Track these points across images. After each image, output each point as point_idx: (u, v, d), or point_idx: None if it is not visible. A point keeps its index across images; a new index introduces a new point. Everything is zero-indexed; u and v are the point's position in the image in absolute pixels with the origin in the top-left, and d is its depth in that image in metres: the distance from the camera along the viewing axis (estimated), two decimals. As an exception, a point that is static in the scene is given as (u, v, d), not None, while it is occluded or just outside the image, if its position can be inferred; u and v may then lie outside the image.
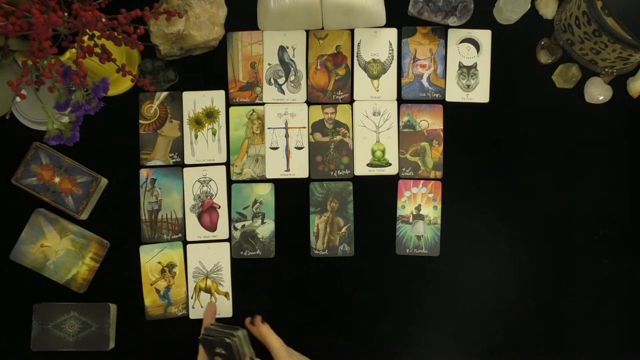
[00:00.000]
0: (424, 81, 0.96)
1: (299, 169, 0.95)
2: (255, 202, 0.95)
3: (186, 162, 0.95)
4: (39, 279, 0.92)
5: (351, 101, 0.96)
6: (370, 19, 0.94)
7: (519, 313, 0.95)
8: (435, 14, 0.93)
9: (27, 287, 0.93)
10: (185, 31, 0.88)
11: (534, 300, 0.95)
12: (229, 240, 0.95)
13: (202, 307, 0.94)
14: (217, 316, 0.94)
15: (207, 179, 0.95)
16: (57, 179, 0.92)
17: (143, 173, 0.95)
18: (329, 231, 0.95)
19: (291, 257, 0.95)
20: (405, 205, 0.95)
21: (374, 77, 0.96)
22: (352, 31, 0.96)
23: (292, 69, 0.96)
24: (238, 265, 0.95)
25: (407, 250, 0.95)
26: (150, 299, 0.93)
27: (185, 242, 0.94)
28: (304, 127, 0.96)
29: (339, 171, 0.96)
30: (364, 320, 0.94)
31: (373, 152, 0.96)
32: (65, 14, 0.76)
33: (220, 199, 0.95)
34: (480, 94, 0.96)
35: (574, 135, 0.96)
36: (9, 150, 0.92)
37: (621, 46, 0.85)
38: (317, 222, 0.95)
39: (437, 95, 0.96)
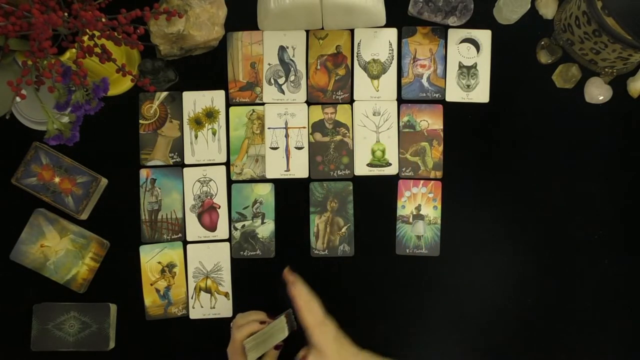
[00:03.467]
0: (424, 81, 0.96)
1: (299, 169, 0.95)
2: (255, 202, 0.95)
3: (186, 162, 0.95)
4: (39, 279, 0.92)
5: (351, 101, 0.96)
6: (370, 19, 0.94)
7: (519, 313, 0.95)
8: (435, 14, 0.93)
9: (27, 287, 0.93)
10: (185, 31, 0.88)
11: (533, 300, 0.95)
12: (229, 240, 0.95)
13: (202, 307, 0.94)
14: (217, 316, 0.94)
15: (207, 179, 0.95)
16: (57, 179, 0.92)
17: (143, 173, 0.95)
18: (329, 231, 0.95)
19: (291, 257, 0.95)
20: (405, 205, 0.95)
21: (374, 77, 0.96)
22: (352, 31, 0.96)
23: (292, 69, 0.96)
24: (238, 265, 0.95)
25: (407, 250, 0.95)
26: (150, 299, 0.93)
27: (185, 242, 0.94)
28: (304, 127, 0.96)
29: (339, 171, 0.96)
30: (364, 320, 0.94)
31: (373, 152, 0.96)
32: (65, 14, 0.76)
33: (220, 199, 0.95)
34: (480, 94, 0.96)
35: (574, 135, 0.96)
36: (9, 150, 0.92)
37: (621, 46, 0.85)
38: (317, 222, 0.95)
39: (437, 95, 0.96)
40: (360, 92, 0.96)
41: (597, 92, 0.95)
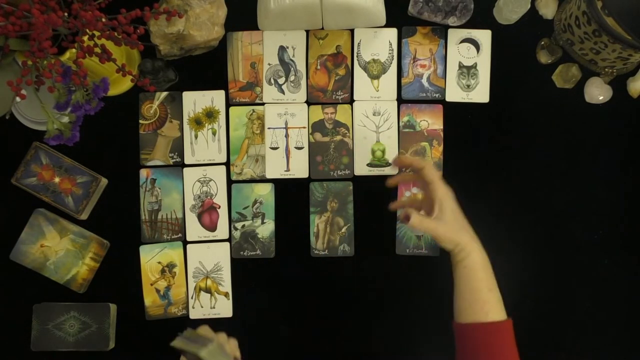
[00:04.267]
0: (424, 81, 0.96)
1: (299, 169, 0.95)
2: (255, 202, 0.95)
3: (186, 162, 0.95)
4: (39, 279, 0.92)
5: (351, 101, 0.96)
6: (370, 19, 0.94)
7: (518, 313, 0.94)
8: (435, 14, 0.93)
9: (27, 287, 0.93)
10: (185, 31, 0.88)
11: (533, 300, 0.94)
12: (229, 240, 0.95)
13: (202, 307, 0.94)
14: (217, 316, 0.94)
15: (207, 179, 0.95)
16: (57, 179, 0.92)
17: (143, 173, 0.95)
18: (329, 231, 0.95)
19: (291, 257, 0.95)
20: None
21: (374, 77, 0.96)
22: (352, 31, 0.96)
23: (292, 69, 0.96)
24: (238, 265, 0.95)
25: (407, 250, 0.95)
26: (150, 299, 0.93)
27: (185, 242, 0.94)
28: (304, 127, 0.96)
29: (339, 171, 0.96)
30: (364, 320, 0.94)
31: (373, 152, 0.96)
32: (65, 14, 0.76)
33: (220, 199, 0.95)
34: (480, 94, 0.96)
35: (574, 135, 0.96)
36: (9, 150, 0.92)
37: (621, 46, 0.85)
38: (317, 222, 0.95)
39: (437, 95, 0.96)
40: (360, 92, 0.96)
41: (597, 92, 0.95)
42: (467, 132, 0.96)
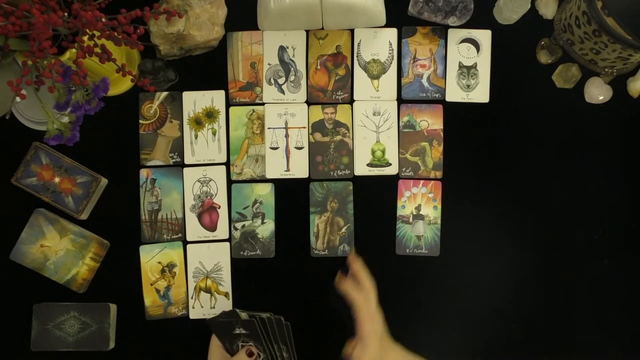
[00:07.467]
0: (424, 81, 0.96)
1: (299, 169, 0.95)
2: (255, 202, 0.95)
3: (186, 162, 0.95)
4: (39, 279, 0.92)
5: (351, 101, 0.96)
6: (370, 19, 0.94)
7: (518, 313, 0.95)
8: (435, 14, 0.93)
9: (27, 287, 0.93)
10: (185, 31, 0.88)
11: (533, 300, 0.95)
12: (229, 240, 0.95)
13: (202, 307, 0.94)
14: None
15: (207, 179, 0.95)
16: (57, 179, 0.92)
17: (143, 173, 0.95)
18: (329, 231, 0.95)
19: (291, 257, 0.95)
20: (405, 205, 0.95)
21: (374, 77, 0.96)
22: (352, 31, 0.96)
23: (292, 69, 0.96)
24: (238, 265, 0.95)
25: (407, 250, 0.95)
26: (150, 299, 0.93)
27: (185, 242, 0.94)
28: (304, 127, 0.96)
29: (339, 171, 0.96)
30: (364, 320, 0.94)
31: (373, 152, 0.96)
32: (65, 14, 0.76)
33: (220, 199, 0.95)
34: (480, 94, 0.96)
35: (574, 135, 0.96)
36: (9, 150, 0.92)
37: (621, 46, 0.85)
38: (317, 222, 0.95)
39: (437, 95, 0.96)
40: (360, 92, 0.96)
41: (597, 92, 0.95)
42: (467, 132, 0.96)
